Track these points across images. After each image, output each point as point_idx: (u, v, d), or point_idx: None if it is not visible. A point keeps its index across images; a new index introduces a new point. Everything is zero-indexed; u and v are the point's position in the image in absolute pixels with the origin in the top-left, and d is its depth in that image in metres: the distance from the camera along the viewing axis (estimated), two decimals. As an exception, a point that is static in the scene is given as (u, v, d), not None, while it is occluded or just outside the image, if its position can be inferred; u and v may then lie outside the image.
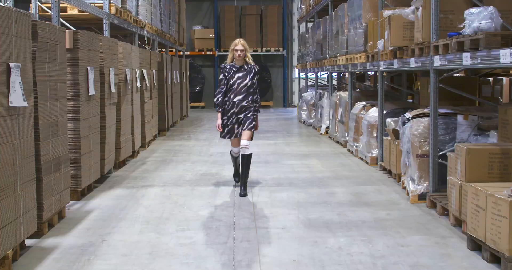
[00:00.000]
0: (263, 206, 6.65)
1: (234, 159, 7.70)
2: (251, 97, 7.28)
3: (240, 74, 7.26)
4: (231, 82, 7.24)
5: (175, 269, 4.61)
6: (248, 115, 7.25)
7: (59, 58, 5.94)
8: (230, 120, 7.26)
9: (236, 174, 7.81)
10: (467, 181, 5.36)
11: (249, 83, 7.26)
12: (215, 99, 7.35)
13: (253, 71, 7.32)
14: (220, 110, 7.30)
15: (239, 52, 7.23)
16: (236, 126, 7.27)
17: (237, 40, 7.38)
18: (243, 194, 7.17)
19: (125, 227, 5.81)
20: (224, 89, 7.26)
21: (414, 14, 7.45)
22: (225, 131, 7.32)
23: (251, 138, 7.28)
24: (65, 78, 6.23)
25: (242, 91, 7.23)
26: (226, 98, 7.26)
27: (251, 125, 7.24)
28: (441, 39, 6.23)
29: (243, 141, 7.19)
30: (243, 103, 7.24)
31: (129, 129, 9.67)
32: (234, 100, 7.22)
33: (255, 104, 7.32)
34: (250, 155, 7.29)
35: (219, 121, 7.31)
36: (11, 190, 4.63)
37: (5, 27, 4.54)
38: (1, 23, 4.46)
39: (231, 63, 7.34)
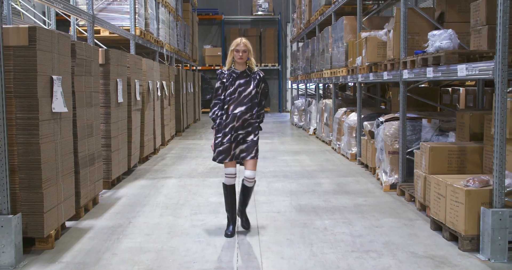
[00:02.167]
0: (262, 194, 6.64)
1: (228, 191, 4.95)
2: (256, 109, 4.88)
3: (242, 81, 4.88)
4: (231, 90, 4.85)
5: (189, 246, 4.61)
6: (254, 139, 4.89)
7: (93, 72, 5.94)
8: (227, 138, 4.81)
9: (231, 221, 4.99)
10: (430, 173, 5.36)
11: (253, 92, 4.85)
12: (210, 114, 4.95)
13: (258, 77, 4.92)
14: (215, 126, 4.91)
15: (240, 54, 4.84)
16: (233, 145, 4.83)
17: (238, 39, 4.92)
18: (247, 226, 5.08)
19: (148, 211, 5.81)
20: (222, 99, 4.88)
21: (386, 35, 7.46)
22: (216, 151, 4.85)
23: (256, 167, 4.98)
24: (98, 88, 6.23)
25: (245, 101, 4.84)
26: (223, 111, 4.87)
27: (257, 153, 4.91)
28: (409, 56, 6.23)
29: (249, 173, 4.88)
30: (246, 117, 4.84)
31: (151, 130, 9.67)
32: (235, 111, 4.82)
33: (258, 119, 4.94)
34: (254, 186, 5.03)
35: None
36: (54, 181, 4.63)
37: (49, 46, 4.54)
38: (46, 43, 4.47)
39: (230, 68, 4.93)
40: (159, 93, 10.53)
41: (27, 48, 4.28)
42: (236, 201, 5.04)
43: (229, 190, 4.95)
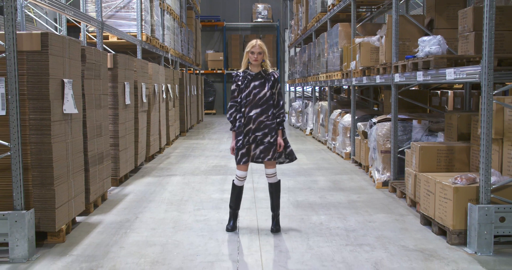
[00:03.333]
0: (262, 191, 6.63)
1: (237, 191, 4.88)
2: (271, 110, 4.70)
3: (257, 83, 4.71)
4: (246, 92, 4.70)
5: (193, 240, 4.60)
6: (271, 140, 4.69)
7: (102, 75, 5.94)
8: (246, 139, 4.70)
9: (232, 216, 4.93)
10: (420, 171, 5.36)
11: (268, 93, 4.68)
12: (227, 115, 4.80)
13: (272, 78, 4.75)
14: (235, 129, 4.73)
15: (255, 56, 4.68)
16: (253, 146, 4.72)
17: (254, 41, 4.75)
18: (275, 229, 4.84)
19: (154, 207, 5.81)
20: (239, 101, 4.73)
21: (379, 41, 7.46)
22: (239, 154, 4.70)
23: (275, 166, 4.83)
24: (107, 91, 6.22)
25: (260, 103, 4.69)
26: (241, 114, 4.73)
27: (276, 155, 4.76)
28: (400, 60, 6.23)
29: (269, 170, 4.79)
30: (261, 118, 4.68)
31: (157, 130, 9.66)
32: (250, 114, 4.68)
33: (276, 120, 4.72)
34: (279, 182, 4.87)
35: (234, 143, 4.75)
36: (65, 178, 4.63)
37: (60, 51, 4.54)
38: (57, 48, 4.47)
39: (246, 71, 4.77)
40: (164, 96, 10.52)
41: (40, 53, 4.28)
42: (241, 200, 4.96)
43: (237, 189, 4.87)
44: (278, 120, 4.74)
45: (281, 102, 4.78)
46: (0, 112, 4.18)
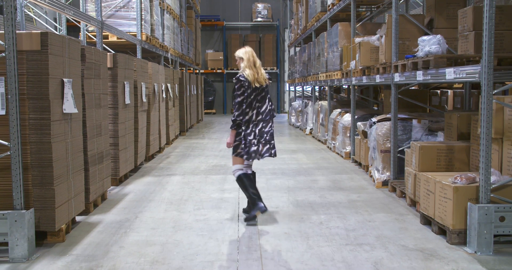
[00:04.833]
0: (261, 190, 6.59)
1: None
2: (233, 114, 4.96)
3: None
4: None
5: (193, 240, 4.60)
6: (227, 140, 5.07)
7: (102, 75, 5.94)
8: None
9: (257, 198, 5.12)
10: (420, 171, 5.36)
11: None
12: None
13: (234, 81, 5.00)
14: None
15: (238, 61, 5.08)
16: None
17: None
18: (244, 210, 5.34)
19: (153, 207, 5.81)
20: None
21: (379, 40, 7.46)
22: None
23: (235, 162, 5.09)
24: (107, 90, 6.22)
25: None
26: None
27: (233, 152, 5.06)
28: (400, 60, 6.23)
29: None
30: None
31: (156, 130, 9.66)
32: None
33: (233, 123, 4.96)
34: (237, 178, 5.11)
35: None
36: (65, 178, 4.63)
37: (60, 51, 4.54)
38: (57, 47, 4.47)
39: None
40: (164, 95, 10.52)
41: (40, 53, 4.27)
42: (254, 186, 5.11)
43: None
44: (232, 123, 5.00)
45: (233, 102, 5.03)
46: (-1, 112, 4.18)
